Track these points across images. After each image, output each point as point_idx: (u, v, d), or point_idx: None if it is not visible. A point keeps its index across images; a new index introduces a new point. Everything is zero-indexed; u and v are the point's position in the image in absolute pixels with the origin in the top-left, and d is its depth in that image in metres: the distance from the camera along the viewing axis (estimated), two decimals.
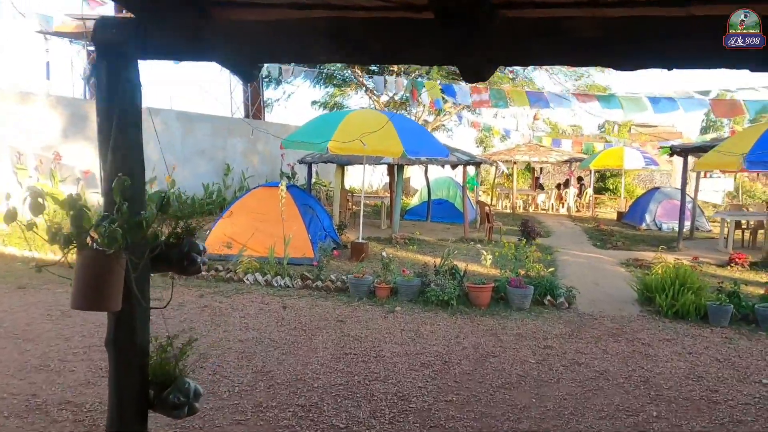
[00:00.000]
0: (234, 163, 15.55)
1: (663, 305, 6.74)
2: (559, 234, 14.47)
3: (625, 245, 12.42)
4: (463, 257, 9.82)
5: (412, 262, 9.77)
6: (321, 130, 8.66)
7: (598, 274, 9.23)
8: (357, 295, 7.32)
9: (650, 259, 10.54)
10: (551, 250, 11.48)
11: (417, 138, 8.81)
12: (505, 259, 8.19)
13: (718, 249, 12.00)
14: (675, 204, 15.94)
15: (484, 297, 6.97)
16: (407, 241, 11.91)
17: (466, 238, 12.79)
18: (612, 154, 17.66)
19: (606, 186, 26.63)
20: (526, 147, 20.47)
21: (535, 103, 11.88)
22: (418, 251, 10.99)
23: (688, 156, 11.90)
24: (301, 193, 10.59)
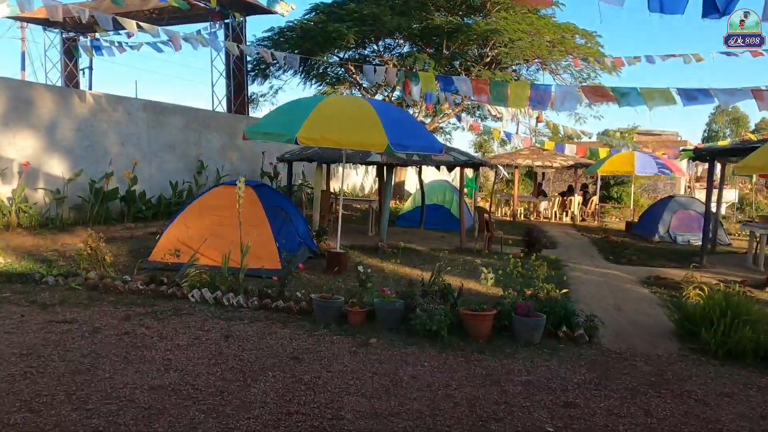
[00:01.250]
0: (209, 160, 14.05)
1: (711, 342, 5.23)
2: (566, 245, 12.97)
3: (640, 259, 10.93)
4: (458, 272, 8.32)
5: (398, 276, 8.26)
6: (290, 119, 7.17)
7: (618, 295, 7.72)
8: (323, 320, 5.80)
9: (674, 278, 9.05)
10: (559, 264, 9.96)
11: (405, 129, 7.32)
12: (508, 277, 6.69)
13: (747, 266, 10.52)
14: (691, 215, 14.50)
15: (484, 327, 5.46)
16: (395, 250, 10.38)
17: (463, 248, 11.29)
18: (622, 159, 16.19)
19: (610, 194, 25.16)
20: (529, 151, 19.00)
21: (537, 104, 10.35)
22: (407, 263, 9.48)
23: (715, 161, 10.45)
24: (272, 194, 9.08)
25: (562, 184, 30.08)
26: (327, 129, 7.00)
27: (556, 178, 31.79)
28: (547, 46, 18.58)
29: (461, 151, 12.13)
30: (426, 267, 9.02)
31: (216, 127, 14.49)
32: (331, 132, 6.97)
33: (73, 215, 10.94)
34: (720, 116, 57.38)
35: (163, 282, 7.09)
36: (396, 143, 6.98)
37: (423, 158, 10.94)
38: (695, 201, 14.93)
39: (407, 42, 20.89)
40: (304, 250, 9.16)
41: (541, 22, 18.68)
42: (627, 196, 23.58)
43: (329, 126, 7.03)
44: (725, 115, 56.86)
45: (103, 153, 11.56)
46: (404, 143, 7.05)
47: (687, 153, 10.78)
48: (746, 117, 55.99)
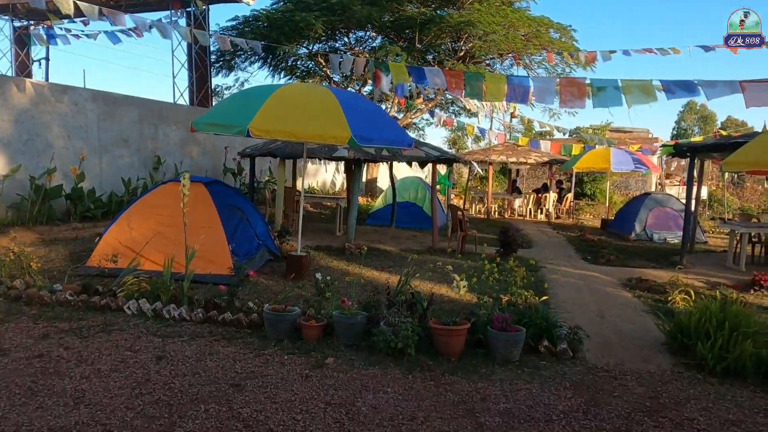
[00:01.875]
0: (167, 155, 13.14)
1: (708, 358, 4.66)
2: (542, 244, 12.44)
3: (618, 259, 10.44)
4: (429, 276, 7.66)
5: (365, 281, 7.57)
6: (242, 108, 6.40)
7: (600, 300, 7.15)
8: (275, 335, 5.08)
9: (657, 279, 8.56)
10: (537, 266, 9.40)
11: (371, 121, 6.61)
12: (483, 283, 6.05)
13: (727, 266, 10.12)
14: (667, 212, 14.12)
15: (456, 343, 4.80)
16: (363, 251, 9.70)
17: (435, 248, 10.65)
18: (598, 155, 15.77)
19: (584, 191, 24.86)
20: (503, 147, 18.48)
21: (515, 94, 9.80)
22: (376, 265, 8.80)
23: (696, 157, 10.00)
24: (227, 192, 8.29)
25: (536, 181, 29.78)
26: (283, 120, 6.26)
27: (531, 175, 31.47)
28: (522, 40, 18.07)
29: (433, 147, 11.49)
30: (395, 270, 8.35)
31: (175, 120, 13.57)
32: (288, 123, 6.23)
33: (11, 214, 9.97)
34: (689, 114, 58.06)
35: (98, 291, 6.28)
36: (360, 136, 6.27)
37: (393, 153, 10.26)
38: (671, 198, 14.58)
39: (379, 34, 20.19)
40: (264, 253, 8.40)
41: (516, 15, 18.15)
42: (601, 193, 23.32)
43: (285, 116, 6.28)
44: (693, 113, 57.55)
45: (45, 147, 10.59)
46: (369, 136, 6.35)
47: (667, 149, 10.33)
48: (714, 115, 56.76)
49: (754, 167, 6.41)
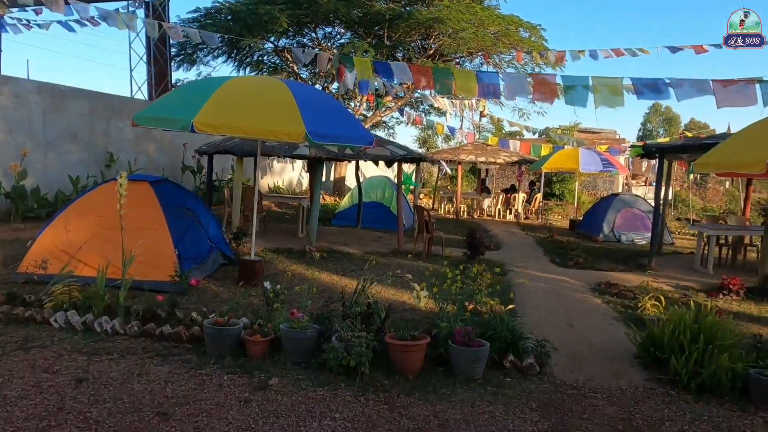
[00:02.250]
0: (120, 152, 12.43)
1: (682, 373, 4.35)
2: (511, 246, 12.15)
3: (587, 262, 10.20)
4: (392, 282, 7.24)
5: (323, 287, 7.11)
6: (187, 101, 5.86)
7: (569, 307, 6.83)
8: (216, 351, 4.58)
9: (626, 284, 8.31)
10: (504, 269, 9.08)
11: (328, 117, 6.14)
12: (446, 292, 5.66)
13: (695, 269, 9.97)
14: (635, 213, 14.02)
15: (414, 359, 4.38)
16: (325, 254, 9.24)
17: (400, 250, 10.24)
18: (567, 155, 15.59)
19: (552, 191, 24.81)
20: (472, 146, 18.20)
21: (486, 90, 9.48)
22: (337, 269, 8.35)
23: (665, 158, 9.83)
24: (175, 192, 7.72)
25: (506, 181, 29.69)
26: (231, 114, 5.74)
27: (501, 175, 31.38)
28: (492, 38, 17.82)
29: (400, 145, 11.08)
30: (357, 274, 7.91)
31: (129, 115, 12.78)
32: (236, 118, 5.72)
33: None
34: (654, 116, 59.05)
35: (26, 301, 5.68)
36: (315, 132, 5.80)
37: (357, 152, 9.81)
38: (639, 199, 14.49)
39: (348, 30, 19.72)
40: (216, 257, 7.87)
41: (485, 13, 17.89)
42: (569, 193, 23.29)
43: (234, 111, 5.77)
44: (659, 115, 58.55)
45: None
46: (326, 133, 5.89)
47: (636, 150, 10.14)
48: (678, 117, 57.84)
49: (725, 169, 6.17)
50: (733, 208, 33.63)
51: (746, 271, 9.96)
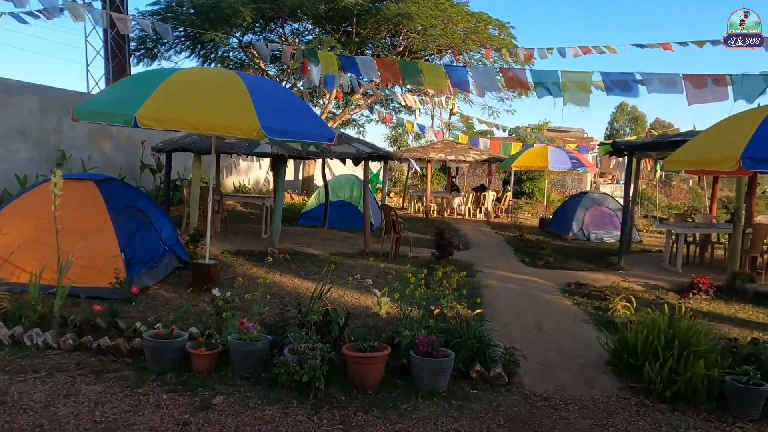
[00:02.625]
0: (73, 149, 11.76)
1: (657, 381, 4.10)
2: (480, 245, 11.91)
3: (557, 261, 10.01)
4: (355, 285, 6.89)
5: (284, 292, 6.72)
6: (131, 94, 5.40)
7: (538, 309, 6.58)
8: (157, 366, 4.16)
9: (595, 283, 8.13)
10: (473, 270, 8.82)
11: (285, 112, 5.75)
12: (410, 297, 5.33)
13: (664, 267, 9.87)
14: (604, 211, 13.95)
15: (373, 372, 4.04)
16: (288, 256, 8.83)
17: (367, 251, 9.89)
18: (536, 154, 15.46)
19: (522, 189, 24.78)
20: (442, 144, 17.96)
21: (456, 84, 9.23)
22: (300, 272, 7.96)
23: (633, 155, 9.70)
24: (124, 191, 7.23)
25: (477, 180, 29.58)
26: (178, 108, 5.31)
27: (471, 173, 31.32)
28: (461, 36, 17.60)
29: (366, 143, 10.73)
30: (320, 277, 7.53)
31: None
32: (184, 112, 5.28)
33: None
34: (620, 115, 59.93)
35: None
36: (271, 128, 5.40)
37: (321, 150, 9.42)
38: (607, 197, 14.43)
39: (316, 27, 19.26)
40: (170, 260, 7.40)
41: (455, 9, 17.65)
42: (539, 192, 23.28)
43: (182, 104, 5.34)
44: (625, 114, 59.46)
45: None
46: (282, 129, 5.50)
47: (605, 147, 9.99)
48: (644, 116, 58.81)
49: (695, 166, 6.00)
50: (697, 205, 34.22)
51: (714, 269, 9.91)
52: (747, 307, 7.26)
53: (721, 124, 6.34)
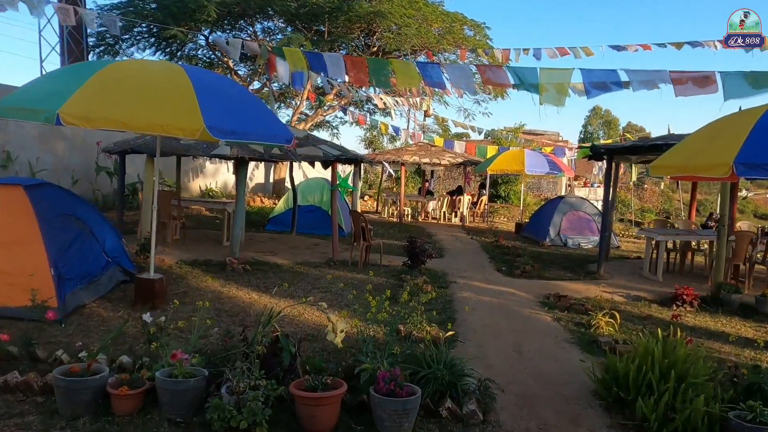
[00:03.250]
0: (22, 151, 10.92)
1: (652, 419, 3.57)
2: (455, 252, 11.38)
3: (534, 269, 9.52)
4: (319, 298, 6.27)
5: (239, 309, 6.06)
6: (56, 89, 4.71)
7: (517, 326, 6.04)
8: (69, 409, 3.48)
9: (575, 294, 7.65)
10: (446, 280, 8.27)
11: (236, 110, 5.11)
12: (374, 315, 4.73)
13: (644, 275, 9.46)
14: (581, 216, 13.56)
15: (326, 414, 3.42)
16: (248, 267, 8.16)
17: (335, 260, 9.27)
18: (512, 157, 15.02)
19: (498, 193, 24.41)
20: (417, 147, 17.42)
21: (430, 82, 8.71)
22: (260, 285, 7.29)
23: (613, 159, 9.28)
24: (60, 197, 6.48)
25: (453, 183, 29.16)
26: (110, 104, 4.62)
27: (448, 176, 30.87)
28: (436, 36, 17.13)
29: (335, 145, 10.11)
30: (282, 290, 6.90)
31: None
32: (117, 109, 4.60)
33: None
34: (594, 118, 60.27)
35: None
36: (216, 128, 4.76)
37: (285, 152, 8.78)
38: (585, 202, 14.05)
39: (288, 25, 18.59)
40: (114, 273, 6.68)
41: (429, 9, 17.19)
42: (515, 195, 22.91)
43: (113, 100, 4.65)
44: (599, 118, 59.82)
45: None
46: (231, 128, 4.85)
47: (583, 151, 9.55)
48: (617, 120, 59.23)
49: (684, 172, 5.54)
50: (668, 208, 34.42)
51: (694, 277, 9.54)
52: (734, 321, 6.85)
53: (711, 127, 5.90)
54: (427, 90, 15.23)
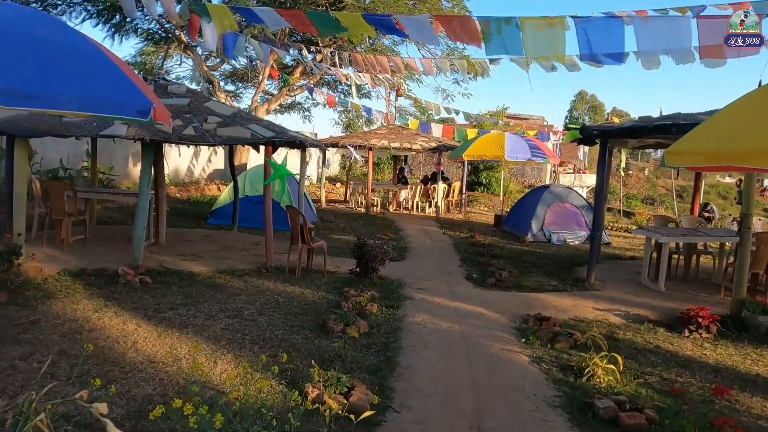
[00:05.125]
0: None
1: None
2: (421, 252, 9.63)
3: (511, 276, 7.83)
4: (223, 329, 4.51)
5: (105, 344, 4.24)
6: None
7: (480, 379, 4.30)
8: None
9: (560, 314, 5.97)
10: (400, 296, 6.52)
11: (35, 62, 3.24)
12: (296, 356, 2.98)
13: (642, 283, 7.80)
14: (567, 209, 11.88)
15: None
16: (148, 279, 6.33)
17: (269, 266, 7.48)
18: (491, 141, 13.25)
19: (479, 180, 22.60)
20: (387, 130, 15.58)
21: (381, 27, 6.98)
22: (147, 310, 5.44)
23: (607, 143, 7.57)
24: None
25: (433, 170, 27.37)
26: None
27: (429, 162, 29.02)
28: (407, 5, 15.19)
29: (272, 125, 8.26)
30: (174, 318, 5.11)
31: None
32: None
33: None
34: (580, 103, 58.80)
35: None
36: (13, 94, 2.93)
37: (201, 133, 6.92)
38: (571, 192, 12.36)
39: None
40: None
41: None
42: (496, 182, 21.13)
43: None
44: (584, 103, 58.35)
45: None
46: (25, 89, 3.02)
47: (572, 133, 7.81)
48: (603, 105, 57.80)
49: (716, 161, 3.84)
50: (653, 194, 33.00)
51: (701, 285, 7.92)
52: (766, 352, 5.21)
53: (748, 103, 4.18)
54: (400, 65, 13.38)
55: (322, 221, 12.52)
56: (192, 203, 14.11)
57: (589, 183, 26.58)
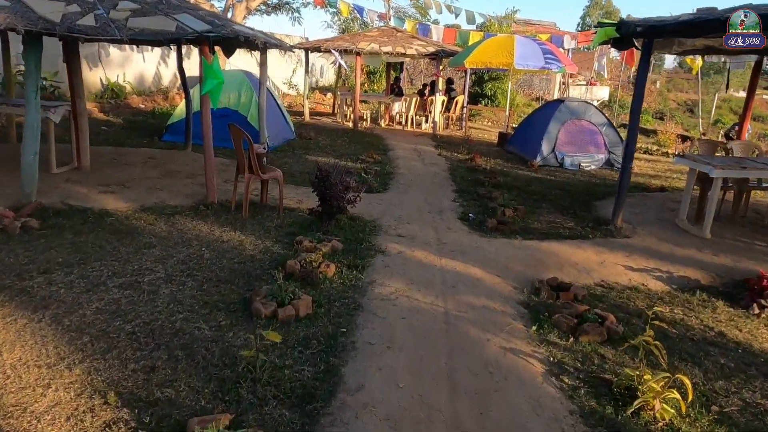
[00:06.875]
0: None
1: None
2: (408, 181, 7.88)
3: (517, 216, 6.15)
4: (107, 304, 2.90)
5: None
6: None
7: (469, 412, 2.73)
8: None
9: (580, 275, 4.36)
10: (372, 247, 4.86)
11: None
12: None
13: (681, 227, 6.12)
14: (584, 127, 9.99)
15: None
16: (35, 222, 4.67)
17: (209, 203, 5.78)
18: (498, 46, 11.03)
19: (483, 91, 20.19)
20: (378, 32, 13.27)
21: None
22: (13, 271, 3.80)
23: (653, 44, 5.60)
24: None
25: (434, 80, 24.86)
26: None
27: (431, 71, 26.37)
28: None
29: (208, 14, 6.20)
30: (41, 285, 3.48)
31: None
32: None
33: None
34: (594, 9, 54.30)
35: None
36: None
37: (102, 24, 4.96)
38: (590, 107, 10.36)
39: None
40: None
41: None
42: (502, 95, 18.84)
43: None
44: (599, 9, 53.86)
45: None
46: None
47: (606, 30, 5.77)
48: (618, 11, 53.35)
49: None
50: (663, 108, 30.54)
51: (753, 228, 6.25)
52: None
53: None
54: None
55: (300, 138, 10.68)
56: (156, 116, 12.18)
57: (600, 96, 24.23)
